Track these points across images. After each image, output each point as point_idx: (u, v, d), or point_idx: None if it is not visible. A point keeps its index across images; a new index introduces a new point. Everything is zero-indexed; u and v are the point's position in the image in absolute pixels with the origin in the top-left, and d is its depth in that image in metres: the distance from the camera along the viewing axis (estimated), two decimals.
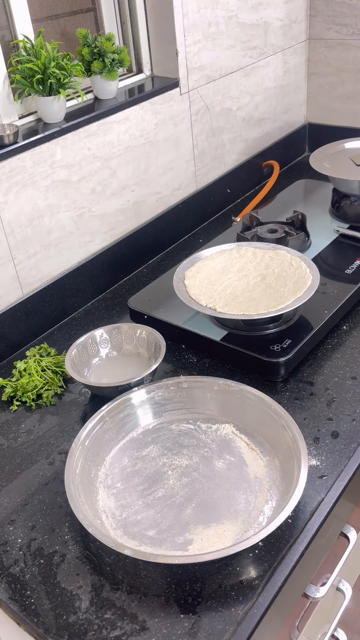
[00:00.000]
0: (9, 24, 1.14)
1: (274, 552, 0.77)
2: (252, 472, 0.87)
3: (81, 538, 0.82)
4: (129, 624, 0.71)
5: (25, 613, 0.74)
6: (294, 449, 0.83)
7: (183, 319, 1.13)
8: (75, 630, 0.71)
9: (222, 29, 1.45)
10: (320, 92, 1.85)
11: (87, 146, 1.22)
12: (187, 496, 0.84)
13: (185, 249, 1.48)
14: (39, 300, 1.21)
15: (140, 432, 0.95)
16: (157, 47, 1.39)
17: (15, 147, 1.08)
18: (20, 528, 0.84)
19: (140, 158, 1.36)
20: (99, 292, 1.35)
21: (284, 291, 1.06)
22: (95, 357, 1.10)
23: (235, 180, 1.67)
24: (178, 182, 1.49)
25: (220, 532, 0.79)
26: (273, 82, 1.71)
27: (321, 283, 1.11)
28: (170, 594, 0.74)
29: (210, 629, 0.70)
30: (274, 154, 1.79)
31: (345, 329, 1.13)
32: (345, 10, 1.68)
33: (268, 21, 1.60)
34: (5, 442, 0.99)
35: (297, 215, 1.33)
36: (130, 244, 1.39)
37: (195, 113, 1.47)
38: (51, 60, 1.10)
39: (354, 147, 1.50)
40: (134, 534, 0.80)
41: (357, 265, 1.21)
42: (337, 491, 0.83)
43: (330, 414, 0.96)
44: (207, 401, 0.97)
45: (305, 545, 0.77)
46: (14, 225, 1.13)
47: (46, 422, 1.02)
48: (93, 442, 0.90)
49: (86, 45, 1.22)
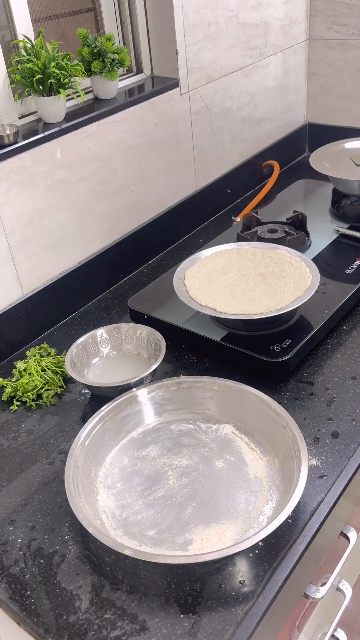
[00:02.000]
0: (9, 24, 1.14)
1: (274, 552, 0.77)
2: (252, 472, 0.87)
3: (81, 538, 0.82)
4: (129, 624, 0.71)
5: (25, 613, 0.74)
6: (294, 449, 0.83)
7: (183, 319, 1.13)
8: (75, 630, 0.71)
9: (222, 29, 1.45)
10: (320, 92, 1.85)
11: (87, 146, 1.22)
12: (187, 496, 0.84)
13: (185, 249, 1.48)
14: (39, 300, 1.21)
15: (140, 432, 0.95)
16: (157, 47, 1.39)
17: (15, 147, 1.08)
18: (20, 528, 0.84)
19: (140, 158, 1.36)
20: (99, 292, 1.35)
21: (284, 291, 1.06)
22: (95, 357, 1.10)
23: (235, 180, 1.67)
24: (178, 182, 1.49)
25: (220, 532, 0.79)
26: (273, 82, 1.71)
27: (321, 283, 1.11)
28: (170, 594, 0.74)
29: (210, 629, 0.70)
30: (274, 154, 1.79)
31: (345, 329, 1.13)
32: (345, 10, 1.68)
33: (268, 21, 1.60)
34: (5, 442, 0.99)
35: (297, 215, 1.33)
36: (130, 244, 1.39)
37: (195, 113, 1.47)
38: (51, 60, 1.10)
39: (354, 147, 1.50)
40: (134, 534, 0.80)
41: (357, 265, 1.21)
42: (337, 491, 0.83)
43: (330, 414, 0.96)
44: (207, 401, 0.97)
45: (305, 545, 0.77)
46: (14, 225, 1.13)
47: (46, 422, 1.02)
48: (93, 442, 0.90)
49: (86, 45, 1.22)
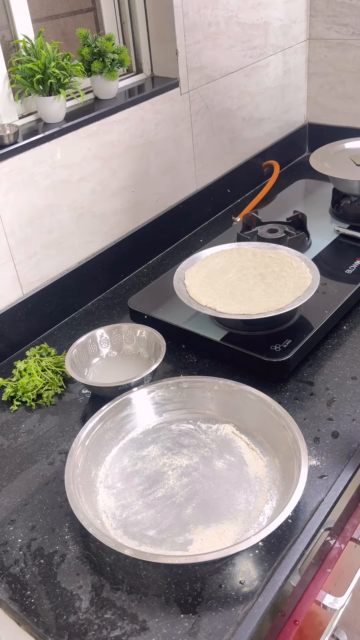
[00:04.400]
0: (9, 24, 1.14)
1: (274, 552, 0.77)
2: (252, 472, 0.87)
3: (81, 538, 0.82)
4: (129, 624, 0.71)
5: (26, 613, 0.74)
6: (294, 449, 0.83)
7: (183, 319, 1.13)
8: (76, 630, 0.71)
9: (222, 29, 1.45)
10: (320, 92, 1.85)
11: (87, 146, 1.22)
12: (187, 496, 0.84)
13: (185, 249, 1.49)
14: (39, 300, 1.21)
15: (140, 432, 0.95)
16: (157, 47, 1.39)
17: (15, 147, 1.08)
18: (20, 528, 0.84)
19: (140, 158, 1.36)
20: (99, 292, 1.35)
21: (283, 291, 1.06)
22: (95, 357, 1.10)
23: (235, 180, 1.67)
24: (178, 182, 1.49)
25: (220, 532, 0.79)
26: (273, 82, 1.71)
27: (321, 283, 1.11)
28: (170, 594, 0.74)
29: (210, 629, 0.70)
30: (274, 154, 1.79)
31: (345, 329, 1.13)
32: (345, 10, 1.68)
33: (268, 21, 1.60)
34: (5, 442, 0.99)
35: (297, 215, 1.33)
36: (130, 244, 1.39)
37: (195, 113, 1.47)
38: (51, 60, 1.10)
39: (354, 147, 1.50)
40: (134, 534, 0.80)
41: (357, 265, 1.21)
42: (337, 491, 0.83)
43: (331, 414, 0.96)
44: (207, 401, 0.97)
45: (305, 545, 0.77)
46: (14, 225, 1.13)
47: (46, 422, 1.02)
48: (93, 442, 0.90)
49: (86, 45, 1.22)
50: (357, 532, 0.92)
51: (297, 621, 0.80)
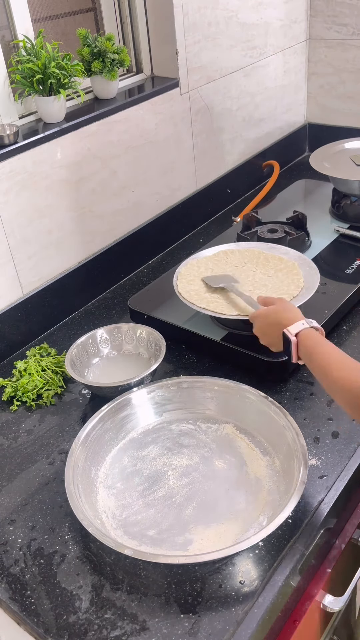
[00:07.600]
0: (9, 24, 1.14)
1: (274, 552, 0.77)
2: (252, 472, 0.87)
3: (81, 538, 0.82)
4: (129, 624, 0.71)
5: (26, 613, 0.74)
6: (294, 449, 0.83)
7: (183, 319, 1.13)
8: (76, 630, 0.71)
9: (222, 29, 1.45)
10: (320, 92, 1.85)
11: (87, 146, 1.22)
12: (187, 496, 0.84)
13: (185, 249, 1.48)
14: (39, 300, 1.21)
15: (140, 432, 0.95)
16: (157, 47, 1.39)
17: (15, 147, 1.08)
18: (20, 528, 0.84)
19: (140, 158, 1.36)
20: (99, 292, 1.35)
21: (284, 291, 1.06)
22: (95, 357, 1.10)
23: (235, 180, 1.67)
24: (178, 182, 1.49)
25: (220, 532, 0.79)
26: (273, 82, 1.71)
27: (321, 283, 1.11)
28: (170, 594, 0.74)
29: (210, 629, 0.70)
30: (274, 154, 1.79)
31: (345, 329, 1.13)
32: (345, 10, 1.68)
33: (268, 21, 1.60)
34: (5, 442, 0.99)
35: (297, 215, 1.33)
36: (130, 244, 1.39)
37: (195, 113, 1.47)
38: (51, 60, 1.10)
39: (354, 147, 1.50)
40: (134, 534, 0.80)
41: (357, 265, 1.21)
42: (337, 491, 0.83)
43: (330, 414, 0.96)
44: (207, 401, 0.97)
45: (305, 545, 0.77)
46: (14, 225, 1.13)
47: (46, 422, 1.02)
48: (93, 442, 0.90)
49: (86, 45, 1.22)
50: (357, 532, 0.92)
51: (297, 621, 0.80)
